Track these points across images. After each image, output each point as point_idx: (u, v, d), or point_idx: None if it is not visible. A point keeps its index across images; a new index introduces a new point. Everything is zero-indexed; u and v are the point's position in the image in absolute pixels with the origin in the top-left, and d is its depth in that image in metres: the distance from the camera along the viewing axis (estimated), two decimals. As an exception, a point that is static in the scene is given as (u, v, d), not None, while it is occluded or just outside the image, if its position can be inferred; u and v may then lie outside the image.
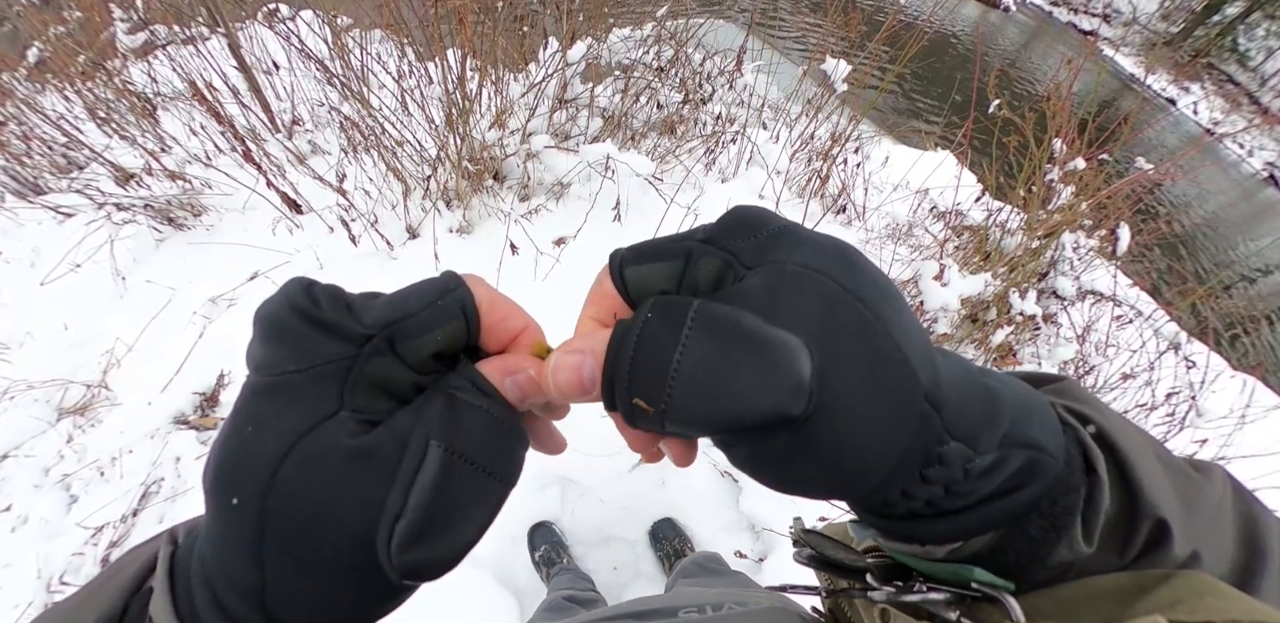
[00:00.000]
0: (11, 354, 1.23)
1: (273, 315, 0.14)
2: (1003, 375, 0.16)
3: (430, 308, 0.14)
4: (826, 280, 0.13)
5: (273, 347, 0.14)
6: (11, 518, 1.03)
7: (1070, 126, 1.45)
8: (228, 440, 0.13)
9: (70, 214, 1.46)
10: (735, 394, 0.12)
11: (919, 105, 4.26)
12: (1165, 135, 6.82)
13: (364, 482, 0.13)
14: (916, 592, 0.16)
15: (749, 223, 0.15)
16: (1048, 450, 0.14)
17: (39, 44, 1.68)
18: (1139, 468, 0.15)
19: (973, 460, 0.13)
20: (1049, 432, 0.14)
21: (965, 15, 7.52)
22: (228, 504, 0.13)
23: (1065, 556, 0.14)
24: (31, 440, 1.13)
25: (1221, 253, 4.53)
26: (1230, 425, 1.25)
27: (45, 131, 1.55)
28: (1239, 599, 0.13)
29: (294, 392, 0.13)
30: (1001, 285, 1.36)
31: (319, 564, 0.13)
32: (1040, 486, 0.14)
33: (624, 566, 1.02)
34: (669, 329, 0.13)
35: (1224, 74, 9.97)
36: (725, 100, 1.86)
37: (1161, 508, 0.14)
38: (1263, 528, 0.16)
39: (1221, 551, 0.15)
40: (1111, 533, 0.14)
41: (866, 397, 0.12)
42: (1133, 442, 0.15)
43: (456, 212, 1.52)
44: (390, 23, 1.53)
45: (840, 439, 0.12)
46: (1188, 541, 0.14)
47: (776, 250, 0.14)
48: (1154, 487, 0.14)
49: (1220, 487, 0.16)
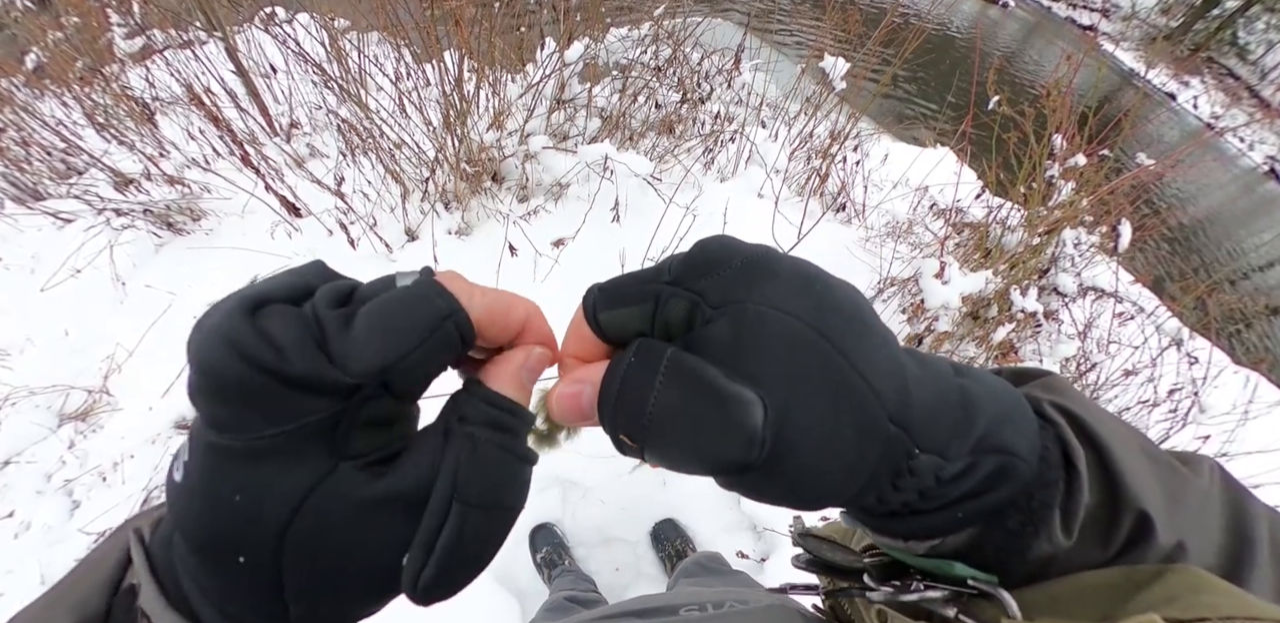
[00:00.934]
0: (12, 360, 1.24)
1: (224, 372, 0.12)
2: (983, 375, 0.16)
3: (427, 343, 0.13)
4: (789, 319, 0.14)
5: (235, 408, 0.12)
6: (14, 524, 1.04)
7: (1070, 122, 1.45)
8: (213, 509, 0.12)
9: (70, 220, 1.46)
10: (696, 445, 0.14)
11: (918, 102, 4.25)
12: (1166, 130, 6.80)
13: (386, 530, 0.13)
14: (914, 591, 0.16)
15: (713, 258, 0.15)
16: (1019, 455, 0.14)
17: (37, 50, 1.68)
18: (1120, 462, 0.15)
19: (943, 468, 0.14)
20: (1023, 435, 0.15)
21: (964, 11, 7.50)
22: (232, 562, 0.13)
23: (1045, 549, 0.15)
24: (33, 446, 1.13)
25: (1223, 248, 4.52)
26: (1233, 422, 1.25)
27: (44, 137, 1.55)
28: (1234, 595, 0.13)
29: (279, 455, 0.12)
30: (1002, 283, 1.36)
31: (344, 595, 0.14)
32: (1011, 488, 0.14)
33: (626, 567, 1.02)
34: (647, 373, 0.14)
35: (1224, 68, 9.94)
36: (723, 99, 1.86)
37: (1144, 501, 0.14)
38: (1251, 518, 0.16)
39: (1208, 541, 0.15)
40: (1093, 526, 0.15)
41: (827, 434, 0.13)
42: (1115, 436, 0.15)
43: (455, 213, 1.52)
44: (387, 25, 1.53)
45: (801, 474, 0.13)
46: (1172, 532, 0.15)
47: (739, 289, 0.14)
48: (1136, 480, 0.15)
49: (1207, 478, 0.16)
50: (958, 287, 1.22)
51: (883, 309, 1.43)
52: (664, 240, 1.29)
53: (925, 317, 1.32)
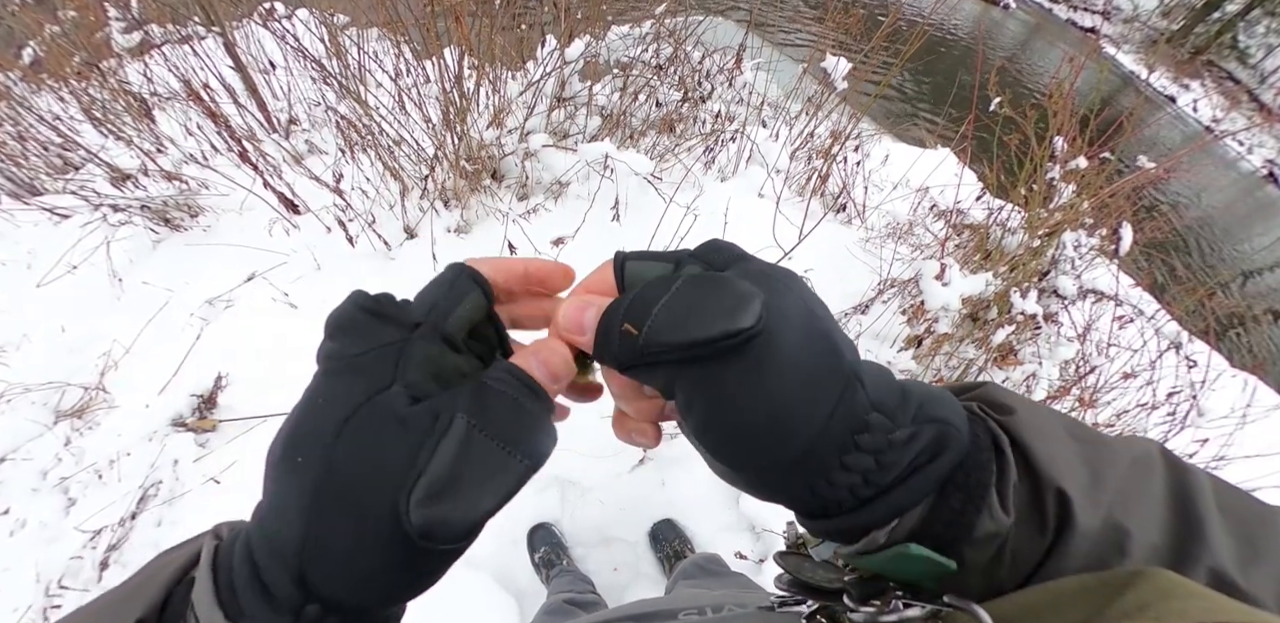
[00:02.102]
0: (8, 357, 1.23)
1: (342, 315, 0.17)
2: (914, 381, 0.19)
3: (452, 288, 0.18)
4: (776, 280, 0.17)
5: (341, 338, 0.16)
6: (10, 522, 1.03)
7: (1071, 125, 1.45)
8: (301, 412, 0.16)
9: (66, 215, 1.45)
10: (703, 317, 0.16)
11: (920, 103, 4.25)
12: (1166, 133, 6.81)
13: (401, 447, 0.15)
14: (893, 610, 0.17)
15: (723, 249, 0.19)
16: (954, 424, 0.16)
17: (33, 44, 1.66)
18: (1035, 447, 0.16)
19: (893, 432, 0.16)
20: (955, 412, 0.17)
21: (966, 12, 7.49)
22: (293, 464, 0.15)
23: (989, 527, 0.16)
24: (29, 444, 1.12)
25: (1222, 251, 4.53)
26: (1231, 425, 1.25)
27: (41, 132, 1.54)
28: (1204, 597, 0.13)
29: (358, 370, 0.16)
30: (1003, 284, 1.36)
31: (356, 523, 0.14)
32: (953, 453, 0.16)
33: (624, 567, 1.02)
34: (663, 286, 0.17)
35: (1224, 71, 9.96)
36: (724, 98, 1.85)
37: (1059, 479, 0.16)
38: (1196, 494, 0.16)
39: (1151, 521, 0.16)
40: (1027, 509, 0.16)
41: (800, 343, 0.16)
42: (1037, 428, 0.17)
43: (454, 211, 1.52)
44: (387, 21, 1.52)
45: (781, 371, 0.16)
46: (1095, 505, 0.16)
47: (743, 263, 0.18)
48: (1053, 461, 0.16)
49: (1138, 452, 0.17)
50: (958, 288, 1.22)
51: (882, 310, 1.43)
52: (664, 240, 1.28)
53: (925, 318, 1.32)
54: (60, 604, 0.94)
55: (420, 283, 0.18)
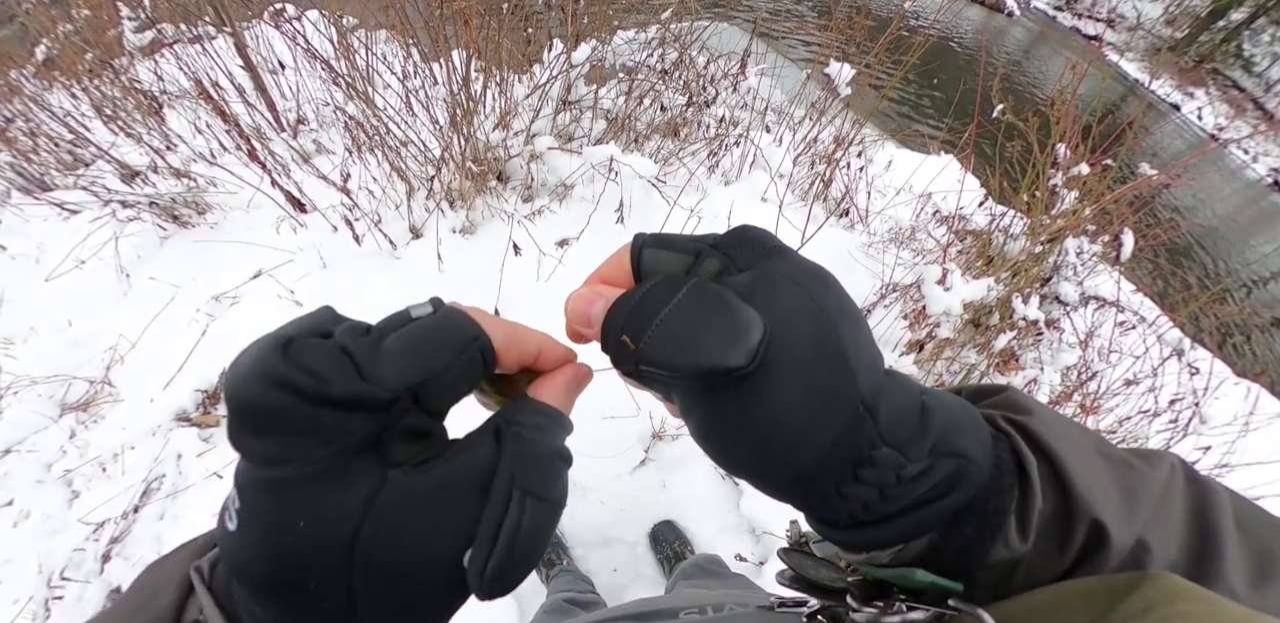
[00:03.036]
0: (16, 350, 1.24)
1: (267, 405, 0.12)
2: (941, 393, 0.17)
3: (455, 364, 0.15)
4: (798, 290, 0.16)
5: (284, 438, 0.13)
6: (13, 513, 1.04)
7: (1074, 131, 1.45)
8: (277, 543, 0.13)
9: (76, 211, 1.47)
10: (697, 345, 0.15)
11: (923, 109, 4.26)
12: (1169, 141, 6.81)
13: (450, 523, 0.14)
14: (896, 612, 0.16)
15: (751, 238, 0.18)
16: (973, 459, 0.15)
17: (47, 42, 1.68)
18: (1072, 472, 0.15)
19: (904, 467, 0.15)
20: (976, 443, 0.16)
21: (969, 18, 7.52)
22: (303, 593, 0.13)
23: (1004, 554, 0.15)
24: (34, 436, 1.13)
25: (1225, 259, 4.51)
26: (1234, 433, 1.25)
27: (52, 128, 1.56)
28: (1208, 601, 0.13)
29: (333, 475, 0.13)
30: (1004, 290, 1.36)
31: (414, 601, 0.14)
32: (966, 492, 0.15)
33: (624, 567, 1.02)
34: (668, 293, 0.16)
35: (1229, 79, 9.95)
36: (729, 103, 1.86)
37: (1096, 508, 0.15)
38: (1215, 511, 0.16)
39: (1171, 537, 0.16)
40: (1049, 532, 0.15)
41: (804, 374, 0.15)
42: (1066, 444, 0.16)
43: (460, 212, 1.53)
44: (396, 23, 1.54)
45: (776, 403, 0.15)
46: (1129, 531, 0.15)
47: (768, 262, 0.17)
48: (1088, 488, 0.15)
49: (1165, 473, 0.17)
50: (960, 294, 1.23)
51: (884, 315, 1.43)
52: (668, 242, 1.29)
53: (927, 323, 1.32)
54: (62, 596, 0.94)
55: (425, 283, 0.18)
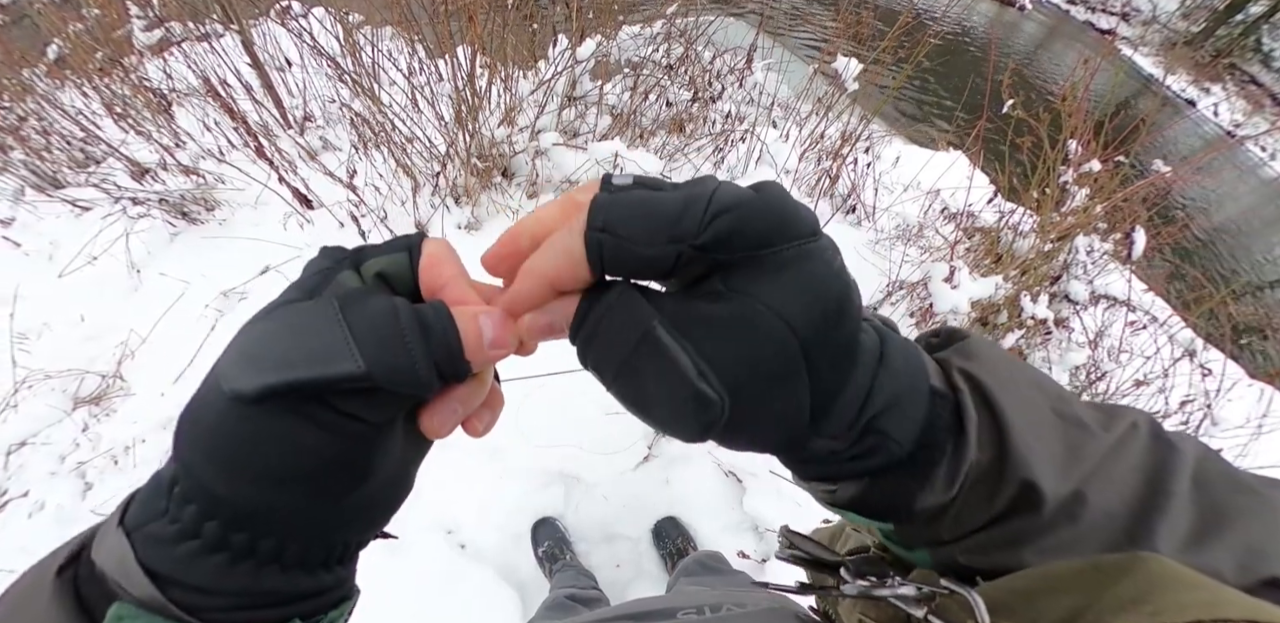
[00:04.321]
0: (30, 344, 1.26)
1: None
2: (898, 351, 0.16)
3: (388, 244, 0.17)
4: (785, 333, 0.14)
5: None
6: (28, 504, 1.06)
7: (1086, 127, 1.43)
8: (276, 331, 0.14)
9: (87, 208, 1.49)
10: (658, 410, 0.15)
11: (931, 105, 4.21)
12: (1184, 137, 6.68)
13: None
14: (888, 587, 0.17)
15: (764, 239, 0.14)
16: (893, 438, 0.16)
17: (58, 41, 1.70)
18: (1013, 430, 0.16)
19: (834, 449, 0.16)
20: (907, 419, 0.16)
21: (981, 12, 7.40)
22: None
23: (930, 501, 0.16)
24: (48, 429, 1.15)
25: (1240, 258, 4.43)
26: (1246, 436, 1.23)
27: (64, 127, 1.58)
28: (1202, 588, 0.12)
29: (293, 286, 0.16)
30: (1013, 288, 1.35)
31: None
32: (882, 460, 0.16)
33: (626, 563, 1.03)
34: (625, 333, 0.14)
35: (1246, 75, 9.73)
36: (735, 98, 1.85)
37: (1030, 468, 0.15)
38: (1172, 470, 0.16)
39: (1114, 491, 0.16)
40: (980, 483, 0.16)
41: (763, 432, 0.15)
42: (1016, 401, 0.16)
43: (465, 208, 1.53)
44: (401, 20, 1.54)
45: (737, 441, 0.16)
46: (1065, 484, 0.15)
47: (765, 285, 0.14)
48: (1026, 447, 0.16)
49: (1120, 432, 0.17)
50: (967, 292, 1.21)
51: (890, 313, 1.42)
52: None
53: (933, 321, 1.31)
54: (76, 586, 0.96)
55: None
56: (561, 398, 1.12)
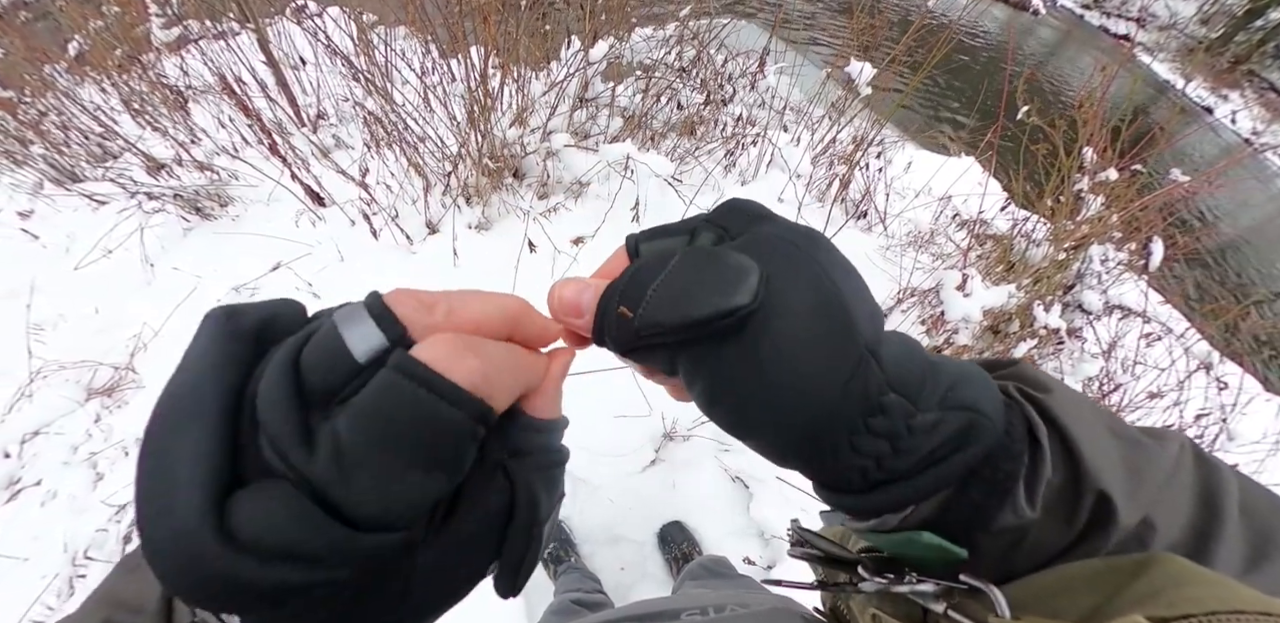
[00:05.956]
0: (45, 335, 1.28)
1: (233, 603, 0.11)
2: (947, 357, 0.17)
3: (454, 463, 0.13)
4: (791, 246, 0.16)
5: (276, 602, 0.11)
6: (41, 492, 1.07)
7: (1102, 135, 1.41)
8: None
9: (104, 202, 1.51)
10: (695, 298, 0.15)
11: (944, 110, 4.18)
12: (1202, 145, 6.58)
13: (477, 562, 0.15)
14: (906, 583, 0.16)
15: (744, 207, 0.18)
16: (985, 414, 0.15)
17: (79, 38, 1.73)
18: (1082, 442, 0.15)
19: (914, 416, 0.15)
20: (988, 398, 0.15)
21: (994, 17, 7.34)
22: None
23: (1010, 520, 0.15)
24: (61, 419, 1.17)
25: (1259, 270, 4.35)
26: (1263, 451, 1.21)
27: (83, 122, 1.60)
28: (1217, 585, 0.12)
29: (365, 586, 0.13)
30: (1025, 297, 1.33)
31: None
32: (980, 446, 0.15)
33: (631, 566, 1.02)
34: (659, 264, 0.16)
35: (1266, 82, 9.58)
36: (746, 102, 1.84)
37: (1104, 481, 0.15)
38: (1222, 494, 0.16)
39: (1177, 515, 0.16)
40: (1057, 502, 0.15)
41: (805, 318, 0.15)
42: (1078, 417, 0.16)
43: (476, 208, 1.54)
44: (414, 20, 1.55)
45: (782, 346, 0.14)
46: (1135, 507, 0.15)
47: (760, 226, 0.17)
48: (1097, 460, 0.15)
49: (1175, 454, 0.17)
50: (979, 300, 1.20)
51: (901, 320, 1.41)
52: (682, 242, 1.28)
53: (945, 329, 1.30)
54: (85, 574, 0.97)
55: (440, 278, 0.18)
56: (569, 400, 1.11)
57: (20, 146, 1.55)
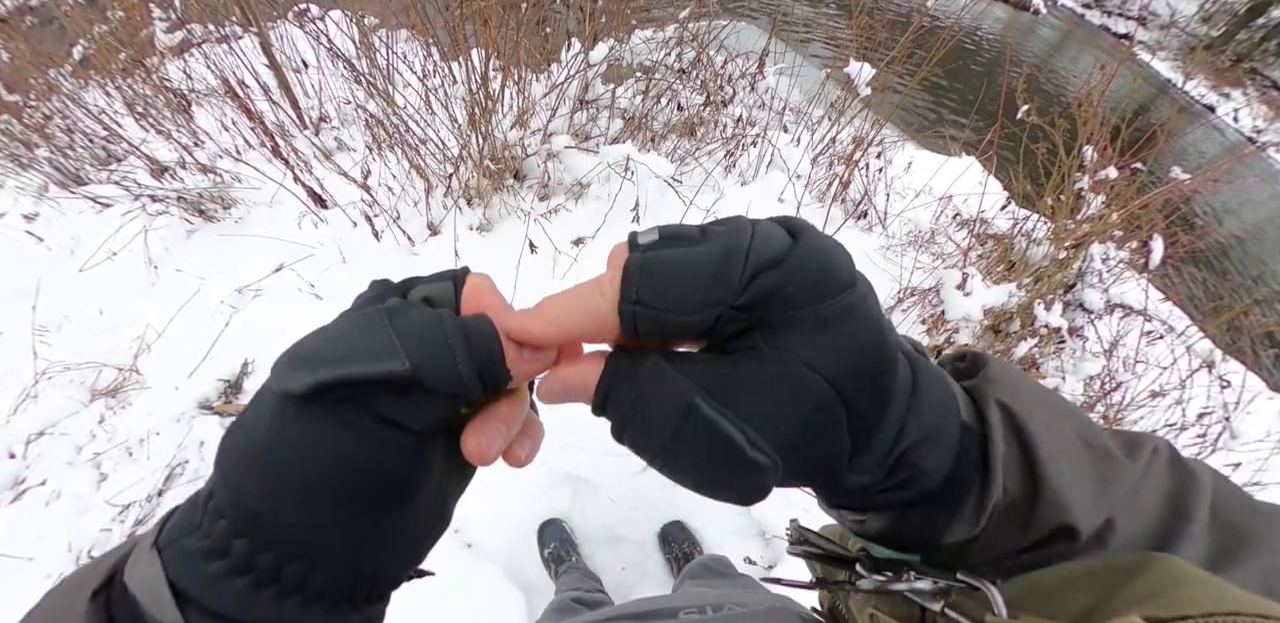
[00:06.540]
0: (50, 337, 1.29)
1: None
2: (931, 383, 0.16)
3: (434, 276, 0.17)
4: (826, 390, 0.14)
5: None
6: (45, 492, 1.08)
7: (1102, 134, 1.41)
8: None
9: (108, 204, 1.52)
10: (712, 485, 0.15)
11: (945, 110, 4.18)
12: (1203, 144, 6.56)
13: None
14: (904, 580, 0.17)
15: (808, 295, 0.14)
16: (926, 473, 0.16)
17: (84, 41, 1.74)
18: (1046, 464, 0.16)
19: (865, 484, 0.16)
20: (938, 454, 0.16)
21: (995, 17, 7.34)
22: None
23: (959, 535, 0.16)
24: (66, 419, 1.18)
25: (1261, 268, 4.33)
26: (1267, 450, 1.20)
27: (87, 125, 1.61)
28: (1214, 586, 0.13)
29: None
30: (1026, 296, 1.33)
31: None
32: (913, 492, 0.16)
33: (632, 566, 1.03)
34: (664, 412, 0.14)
35: (1268, 80, 9.54)
36: (746, 103, 1.85)
37: (1065, 508, 0.15)
38: (1191, 496, 0.16)
39: (1142, 516, 0.16)
40: (1013, 516, 0.16)
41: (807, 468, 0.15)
42: (1047, 433, 0.16)
43: (477, 209, 1.54)
44: (416, 23, 1.56)
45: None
46: (1099, 513, 0.16)
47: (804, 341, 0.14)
48: (1060, 481, 0.15)
49: (1145, 462, 0.17)
50: (980, 299, 1.20)
51: (902, 320, 1.41)
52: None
53: (945, 329, 1.30)
54: (90, 577, 0.98)
55: None
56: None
57: (26, 150, 1.57)
